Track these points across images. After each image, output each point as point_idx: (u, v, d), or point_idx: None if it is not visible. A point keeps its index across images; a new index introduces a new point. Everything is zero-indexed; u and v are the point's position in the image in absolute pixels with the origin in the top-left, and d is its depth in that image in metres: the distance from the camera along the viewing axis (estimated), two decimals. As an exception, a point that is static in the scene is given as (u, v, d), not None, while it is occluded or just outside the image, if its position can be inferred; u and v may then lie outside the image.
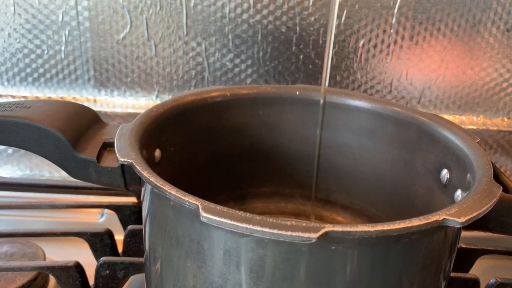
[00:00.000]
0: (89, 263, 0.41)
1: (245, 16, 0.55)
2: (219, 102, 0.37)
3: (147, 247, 0.29)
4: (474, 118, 0.61)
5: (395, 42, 0.57)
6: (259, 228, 0.20)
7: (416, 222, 0.22)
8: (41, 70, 0.58)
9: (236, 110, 0.39)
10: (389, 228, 0.21)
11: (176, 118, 0.35)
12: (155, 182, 0.24)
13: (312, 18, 0.55)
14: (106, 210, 0.53)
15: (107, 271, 0.38)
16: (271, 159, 0.42)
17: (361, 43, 0.57)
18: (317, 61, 0.58)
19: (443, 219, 0.22)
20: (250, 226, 0.21)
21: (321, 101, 0.37)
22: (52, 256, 0.45)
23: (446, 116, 0.61)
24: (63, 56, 0.57)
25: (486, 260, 0.46)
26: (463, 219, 0.22)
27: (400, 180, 0.37)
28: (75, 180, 0.56)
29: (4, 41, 0.57)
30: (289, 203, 0.44)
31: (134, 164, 0.25)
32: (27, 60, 0.58)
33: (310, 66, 0.58)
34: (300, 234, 0.20)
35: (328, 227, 0.21)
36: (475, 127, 0.60)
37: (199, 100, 0.36)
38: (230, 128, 0.40)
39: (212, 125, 0.38)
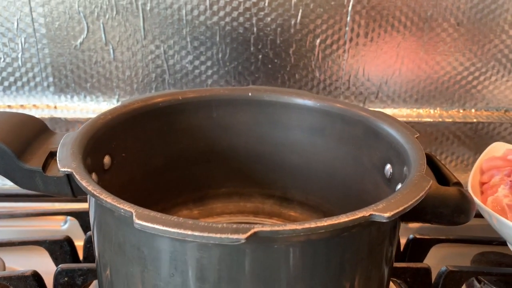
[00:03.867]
0: (50, 271, 0.41)
1: (202, 18, 0.56)
2: (171, 106, 0.38)
3: (96, 254, 0.30)
4: (431, 111, 0.62)
5: (351, 40, 0.58)
6: (190, 232, 0.21)
7: (343, 218, 0.23)
8: (-2, 78, 0.57)
9: (189, 113, 0.39)
10: (316, 225, 0.22)
11: (126, 124, 0.35)
12: (92, 191, 0.24)
13: (269, 19, 0.56)
14: (69, 218, 0.53)
15: (66, 278, 0.39)
16: (228, 160, 0.43)
17: (317, 41, 0.58)
18: (275, 60, 0.58)
19: (370, 214, 0.23)
20: (182, 231, 0.21)
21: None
22: (13, 266, 0.45)
23: (403, 110, 0.63)
24: (20, 63, 0.57)
25: (441, 249, 0.48)
26: (389, 214, 0.23)
27: (350, 176, 0.38)
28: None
29: (-41, 50, 0.56)
30: (248, 202, 0.45)
31: (74, 173, 0.26)
32: (-17, 69, 0.57)
33: (270, 66, 0.59)
34: (229, 236, 0.21)
35: (257, 228, 0.21)
36: (431, 120, 0.62)
37: (149, 105, 0.36)
38: (185, 131, 0.40)
39: (165, 129, 0.39)
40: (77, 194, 0.30)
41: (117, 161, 0.34)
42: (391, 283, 0.43)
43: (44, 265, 0.42)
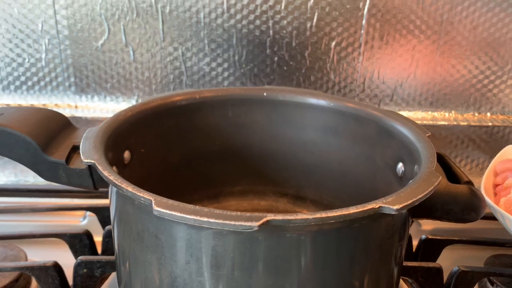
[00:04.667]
0: (70, 264, 0.42)
1: (219, 21, 0.57)
2: (189, 104, 0.39)
3: (116, 245, 0.31)
4: (446, 114, 0.62)
5: (366, 43, 0.58)
6: (205, 219, 0.22)
7: (352, 210, 0.23)
8: (22, 78, 0.60)
9: (206, 111, 0.40)
10: (326, 216, 0.23)
11: (146, 121, 0.36)
12: (114, 181, 0.25)
13: (285, 22, 0.57)
14: (88, 213, 0.54)
15: (85, 270, 0.40)
16: (242, 158, 0.44)
17: (333, 44, 0.58)
18: (291, 62, 0.59)
19: (380, 206, 0.24)
20: (198, 218, 0.22)
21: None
22: (34, 258, 0.47)
23: (418, 113, 0.63)
24: (43, 64, 0.59)
25: (454, 251, 0.48)
26: (398, 206, 0.24)
27: (363, 175, 0.39)
28: (58, 185, 0.58)
29: (-14, 50, 0.58)
30: (262, 200, 0.46)
31: (96, 164, 0.27)
32: (8, 69, 0.59)
33: (285, 68, 0.60)
34: (243, 223, 0.22)
35: (270, 216, 0.22)
36: (446, 123, 0.62)
37: (168, 103, 0.38)
38: (201, 129, 0.41)
39: (182, 127, 0.40)
40: (99, 186, 0.31)
41: (136, 156, 0.36)
42: (402, 282, 0.43)
43: (64, 258, 0.44)
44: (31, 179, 0.62)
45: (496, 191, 0.45)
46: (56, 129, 0.32)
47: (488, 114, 0.62)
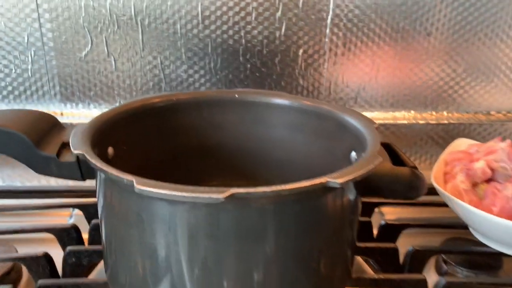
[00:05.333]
0: (59, 258, 0.46)
1: (195, 31, 0.62)
2: (166, 105, 0.43)
3: (103, 230, 0.35)
4: (406, 114, 0.68)
5: (330, 50, 0.64)
6: (180, 193, 0.26)
7: (304, 183, 0.28)
8: (9, 88, 0.63)
9: (182, 112, 0.45)
10: (281, 188, 0.27)
11: (127, 120, 0.40)
12: (100, 166, 0.29)
13: (256, 31, 0.62)
14: (74, 212, 0.58)
15: (73, 259, 0.43)
16: (218, 155, 0.48)
17: (300, 52, 0.63)
18: (263, 69, 0.64)
19: (326, 181, 0.28)
20: (174, 192, 0.26)
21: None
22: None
23: (381, 113, 0.68)
24: (30, 74, 0.62)
25: (413, 237, 0.53)
26: (341, 180, 0.28)
27: (324, 165, 0.43)
28: (46, 186, 0.60)
29: (-26, 62, 0.62)
30: (236, 193, 0.50)
31: (85, 154, 0.31)
32: (-4, 79, 0.63)
33: (257, 74, 0.64)
34: (212, 195, 0.26)
35: (234, 190, 0.27)
36: (406, 122, 0.67)
37: (147, 104, 0.42)
38: (178, 129, 0.45)
39: (161, 127, 0.44)
40: (86, 177, 0.35)
41: (119, 153, 0.40)
42: (363, 262, 0.48)
43: (52, 253, 0.47)
44: (18, 183, 0.65)
45: (445, 179, 0.50)
46: (47, 128, 0.36)
47: (445, 113, 0.68)
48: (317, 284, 0.34)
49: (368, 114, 0.67)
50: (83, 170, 0.35)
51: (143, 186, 0.27)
